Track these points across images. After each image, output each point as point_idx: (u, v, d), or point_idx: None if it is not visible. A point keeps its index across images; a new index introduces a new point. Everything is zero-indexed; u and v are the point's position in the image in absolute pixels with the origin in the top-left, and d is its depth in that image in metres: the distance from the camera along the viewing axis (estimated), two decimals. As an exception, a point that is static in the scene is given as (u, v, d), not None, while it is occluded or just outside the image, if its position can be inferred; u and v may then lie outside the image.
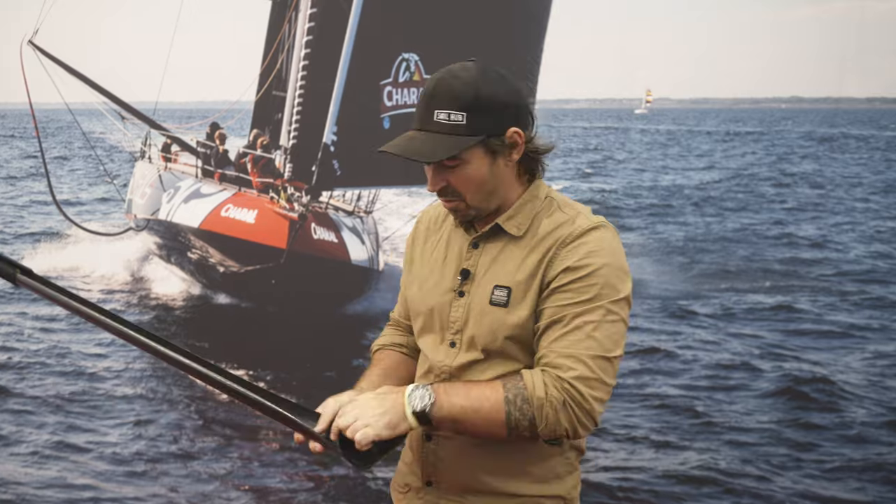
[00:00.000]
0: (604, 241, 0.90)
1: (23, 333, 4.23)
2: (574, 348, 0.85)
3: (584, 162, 16.95)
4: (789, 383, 3.58)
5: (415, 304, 1.00)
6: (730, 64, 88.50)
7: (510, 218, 0.93)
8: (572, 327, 0.86)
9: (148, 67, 21.42)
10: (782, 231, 8.05)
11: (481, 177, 0.90)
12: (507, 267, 0.92)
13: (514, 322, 0.89)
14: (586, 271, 0.87)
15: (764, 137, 26.90)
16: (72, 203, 6.35)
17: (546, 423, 0.84)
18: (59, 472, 2.69)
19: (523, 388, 0.84)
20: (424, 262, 1.00)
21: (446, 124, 0.87)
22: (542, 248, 0.91)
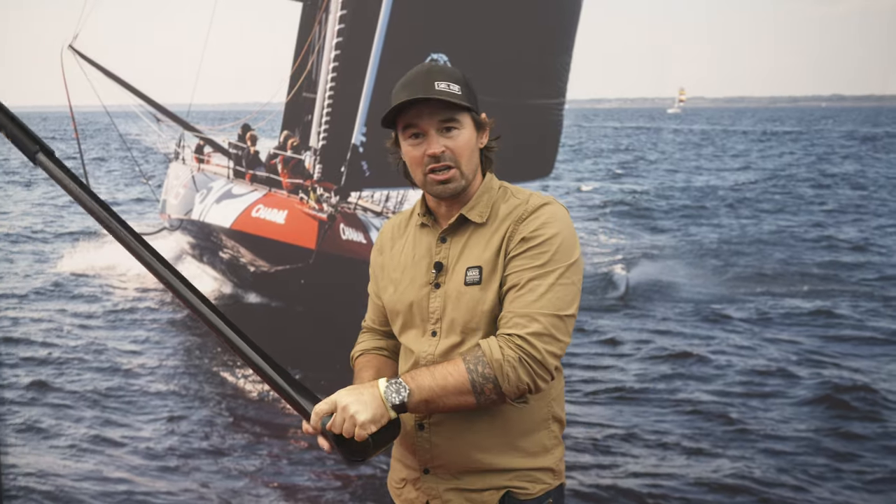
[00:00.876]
0: (555, 214, 0.98)
1: (62, 330, 4.37)
2: (529, 308, 0.93)
3: (615, 162, 17.03)
4: (828, 391, 3.48)
5: (393, 305, 1.06)
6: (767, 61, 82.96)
7: (472, 208, 1.01)
8: (527, 289, 0.93)
9: (182, 70, 21.73)
10: (822, 234, 7.80)
11: (472, 146, 1.00)
12: (475, 251, 0.99)
13: (490, 297, 0.96)
14: (540, 239, 0.95)
15: (803, 137, 26.19)
16: (109, 203, 6.69)
17: (508, 381, 0.91)
18: (95, 465, 2.76)
19: (481, 356, 0.91)
20: (395, 266, 1.07)
21: (447, 91, 0.95)
22: (504, 227, 0.98)
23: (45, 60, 18.29)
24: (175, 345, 4.24)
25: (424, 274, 1.02)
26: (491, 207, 1.02)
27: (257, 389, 3.69)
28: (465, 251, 1.01)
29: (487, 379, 0.91)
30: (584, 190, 13.52)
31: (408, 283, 1.03)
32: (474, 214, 1.01)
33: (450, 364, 0.93)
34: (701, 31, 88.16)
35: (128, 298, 4.74)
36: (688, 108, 12.16)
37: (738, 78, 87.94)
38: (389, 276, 1.07)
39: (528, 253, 0.95)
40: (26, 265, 4.88)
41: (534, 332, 0.91)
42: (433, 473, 1.00)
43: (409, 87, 0.97)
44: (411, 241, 1.06)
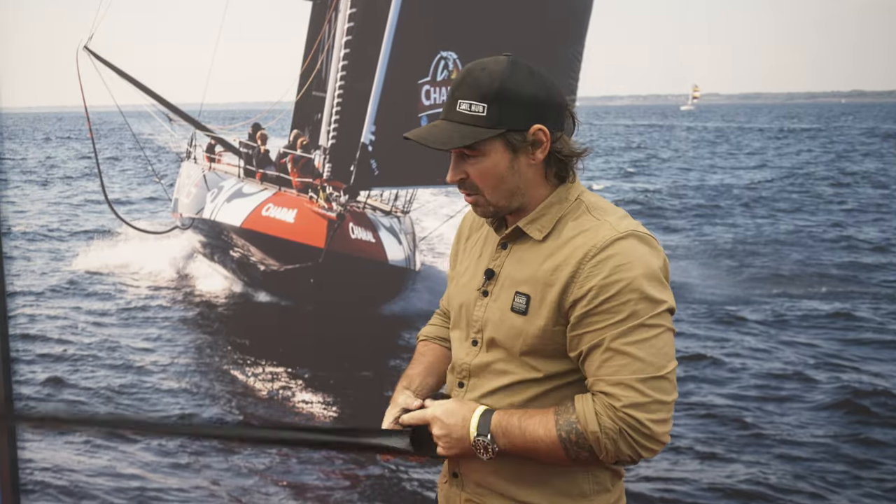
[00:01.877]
0: (632, 251, 0.83)
1: (77, 327, 4.43)
2: (621, 374, 0.81)
3: (627, 161, 16.54)
4: (847, 396, 3.39)
5: (449, 300, 1.01)
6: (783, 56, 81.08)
7: (532, 221, 0.89)
8: (614, 351, 0.81)
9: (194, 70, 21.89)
10: (841, 234, 7.60)
11: (499, 172, 0.87)
12: (527, 272, 0.89)
13: (532, 332, 0.87)
14: (616, 288, 0.81)
15: (821, 134, 25.77)
16: (122, 202, 6.74)
17: (606, 452, 0.81)
18: (108, 461, 2.81)
19: (576, 423, 0.82)
20: (463, 260, 1.01)
21: (467, 115, 0.86)
22: (561, 255, 0.86)
23: (61, 61, 18.80)
24: (186, 343, 4.29)
25: (479, 278, 0.95)
26: (556, 223, 0.90)
27: (266, 388, 3.73)
28: (519, 267, 0.91)
29: (582, 448, 0.82)
30: (595, 189, 13.87)
31: (465, 282, 0.97)
32: (533, 229, 0.90)
33: (541, 423, 0.84)
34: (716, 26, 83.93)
35: (140, 296, 4.81)
36: (702, 105, 12.03)
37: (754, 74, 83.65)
38: (457, 268, 1.02)
39: (604, 306, 0.82)
40: (42, 263, 4.98)
41: (633, 403, 0.80)
42: (460, 479, 0.96)
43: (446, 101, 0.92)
44: (483, 239, 0.99)
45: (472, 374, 0.93)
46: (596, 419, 0.80)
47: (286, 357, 4.01)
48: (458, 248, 1.02)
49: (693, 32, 65.60)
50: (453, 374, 0.97)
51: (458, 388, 0.94)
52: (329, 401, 3.57)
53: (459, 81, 0.87)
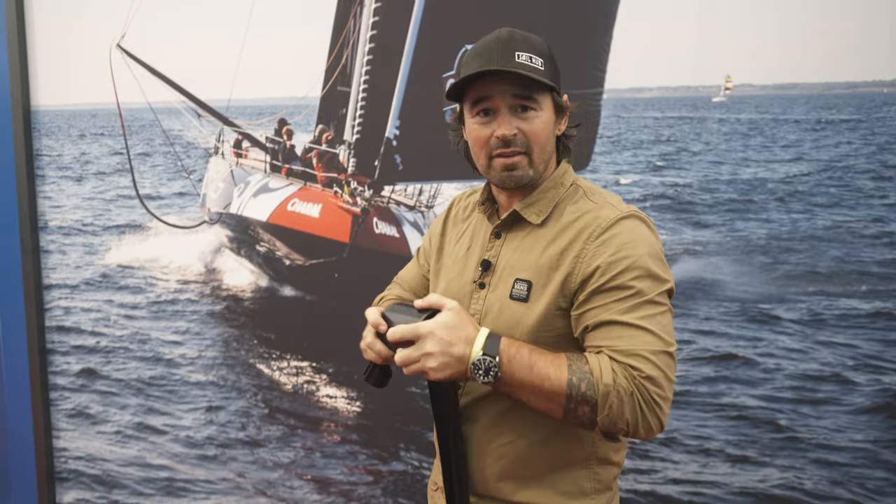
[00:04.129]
0: (635, 230, 0.85)
1: (109, 319, 4.53)
2: (636, 347, 0.81)
3: (656, 154, 16.64)
4: (888, 399, 3.24)
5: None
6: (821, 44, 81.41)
7: (530, 204, 0.89)
8: (625, 325, 0.81)
9: (222, 66, 22.49)
10: (882, 229, 7.42)
11: (548, 132, 0.88)
12: (527, 258, 0.88)
13: (533, 319, 0.87)
14: (624, 265, 0.82)
15: (862, 125, 24.94)
16: (153, 197, 6.90)
17: (609, 411, 0.80)
18: (139, 451, 2.89)
19: (588, 373, 0.80)
20: (450, 252, 0.99)
21: (528, 65, 0.83)
22: (564, 239, 0.86)
23: (95, 60, 19.40)
24: (214, 336, 4.36)
25: (473, 270, 0.94)
26: (554, 206, 0.90)
27: (292, 382, 3.77)
28: (517, 255, 0.90)
29: (587, 401, 0.80)
30: (622, 183, 13.67)
31: (455, 275, 0.96)
32: (530, 213, 0.90)
33: (552, 363, 0.81)
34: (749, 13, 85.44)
35: (170, 290, 4.87)
36: (734, 97, 11.70)
37: (790, 63, 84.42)
38: (443, 261, 1.00)
39: (612, 283, 0.83)
40: (77, 257, 5.10)
41: (649, 375, 0.80)
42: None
43: (484, 55, 0.85)
44: (470, 231, 0.97)
45: None
46: (612, 374, 0.80)
47: (311, 351, 4.05)
48: (441, 241, 1.00)
49: (725, 21, 65.20)
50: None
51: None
52: (353, 395, 3.61)
53: (507, 38, 0.84)
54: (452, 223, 1.01)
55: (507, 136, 0.86)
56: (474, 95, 0.88)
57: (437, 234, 1.01)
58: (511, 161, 0.87)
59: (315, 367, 4.36)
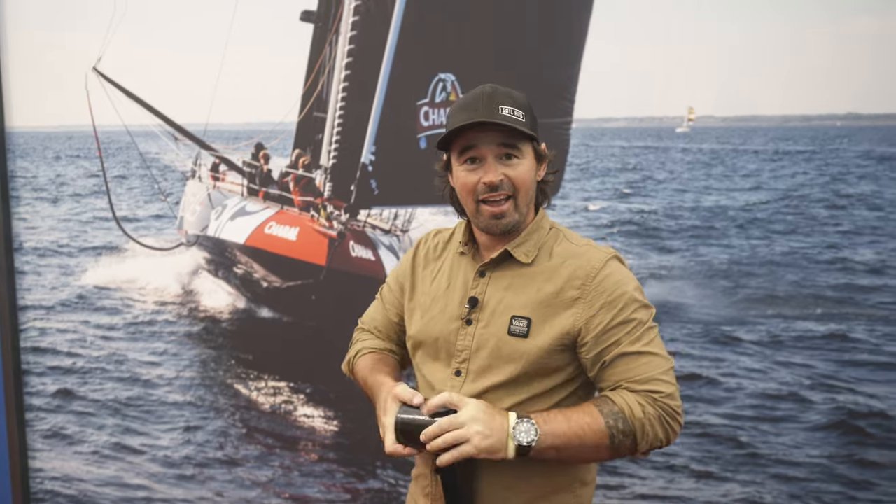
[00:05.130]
0: (620, 269, 0.93)
1: (85, 340, 4.50)
2: (652, 371, 0.90)
3: (623, 182, 16.93)
4: (843, 416, 3.44)
5: (417, 334, 1.00)
6: (779, 79, 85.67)
7: (518, 245, 0.95)
8: (637, 354, 0.90)
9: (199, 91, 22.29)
10: (836, 255, 7.68)
11: (531, 178, 0.94)
12: (522, 297, 0.93)
13: (535, 353, 0.91)
14: (622, 302, 0.91)
15: (817, 156, 25.85)
16: (129, 219, 6.89)
17: (646, 438, 0.89)
18: (116, 471, 2.89)
19: (619, 412, 0.88)
20: (426, 290, 1.00)
21: (511, 117, 0.90)
22: (559, 278, 0.93)
23: (71, 82, 19.21)
24: (191, 357, 4.38)
25: (457, 307, 0.96)
26: (539, 248, 0.95)
27: (269, 402, 3.81)
28: (510, 293, 0.93)
29: (627, 436, 0.88)
30: (591, 209, 13.87)
31: (437, 313, 0.97)
32: (520, 253, 0.94)
33: (584, 413, 0.87)
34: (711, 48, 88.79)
35: (147, 311, 4.87)
36: (697, 127, 12.12)
37: (749, 96, 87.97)
38: (417, 300, 1.00)
39: (617, 318, 0.90)
40: (53, 278, 5.07)
41: (668, 393, 0.89)
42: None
43: (470, 109, 0.91)
44: (448, 268, 0.99)
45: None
46: (640, 408, 0.89)
47: (288, 372, 4.10)
48: (413, 280, 1.02)
49: (689, 55, 67.64)
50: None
51: None
52: (330, 415, 3.66)
53: (491, 93, 0.91)
54: (423, 262, 1.02)
55: (494, 182, 0.91)
56: (462, 144, 0.93)
57: (407, 274, 1.03)
58: (500, 209, 0.92)
59: (292, 387, 4.40)
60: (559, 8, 5.94)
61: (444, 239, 1.03)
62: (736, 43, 2.65)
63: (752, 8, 2.71)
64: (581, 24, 6.63)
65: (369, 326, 1.09)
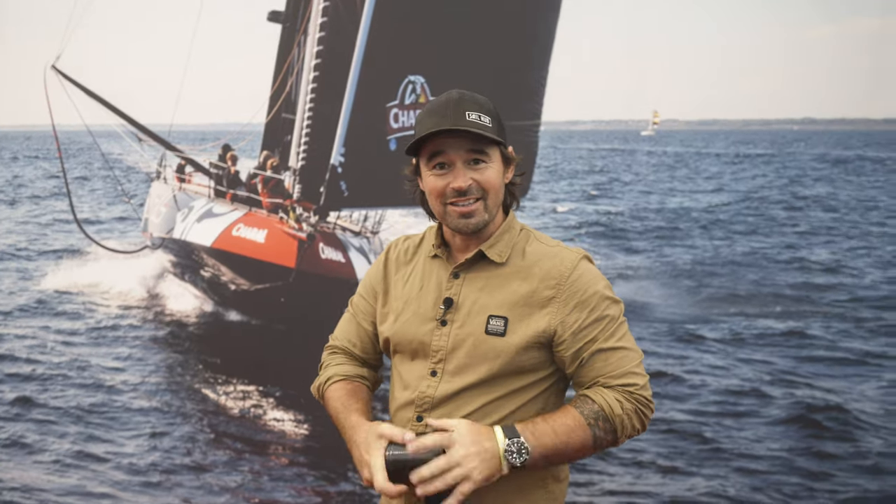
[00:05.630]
0: (590, 268, 0.96)
1: (46, 346, 4.38)
2: (627, 365, 0.92)
3: (590, 184, 16.54)
4: (801, 411, 3.54)
5: (391, 336, 0.99)
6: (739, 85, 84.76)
7: (491, 246, 0.96)
8: (611, 350, 0.92)
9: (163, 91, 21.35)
10: (794, 255, 7.86)
11: (499, 181, 0.94)
12: (498, 296, 0.94)
13: (512, 351, 0.92)
14: (594, 301, 0.93)
15: (775, 160, 26.62)
16: (92, 222, 6.63)
17: (624, 430, 0.91)
18: (79, 480, 2.82)
19: (600, 410, 0.91)
20: (398, 295, 1.00)
21: (479, 123, 0.90)
22: (534, 278, 0.94)
23: (29, 80, 17.73)
24: (157, 362, 4.30)
25: (431, 308, 0.96)
26: (512, 248, 0.96)
27: (238, 406, 3.76)
28: (485, 294, 0.94)
29: (608, 433, 0.91)
30: (559, 211, 13.47)
31: (410, 315, 0.97)
32: (493, 253, 0.95)
33: (566, 417, 0.90)
34: (675, 53, 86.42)
35: (110, 316, 4.76)
36: (662, 131, 12.38)
37: (712, 101, 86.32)
38: (391, 304, 1.00)
39: (590, 316, 0.93)
40: (10, 282, 4.90)
41: (641, 385, 0.92)
42: None
43: (438, 115, 0.92)
44: (419, 272, 0.99)
45: (436, 405, 0.94)
46: (618, 404, 0.91)
47: (257, 375, 4.06)
48: (382, 287, 1.02)
49: (654, 60, 65.23)
50: (405, 410, 0.96)
51: (417, 422, 0.94)
52: (300, 419, 3.62)
53: (458, 100, 0.92)
54: (395, 267, 1.03)
55: (463, 188, 0.93)
56: (430, 150, 0.94)
57: (379, 279, 1.03)
58: (468, 209, 0.94)
59: (262, 390, 4.35)
60: (527, 12, 6.02)
61: (413, 243, 1.04)
62: (699, 49, 2.72)
63: (714, 17, 2.79)
64: (549, 28, 6.73)
65: (342, 343, 1.06)
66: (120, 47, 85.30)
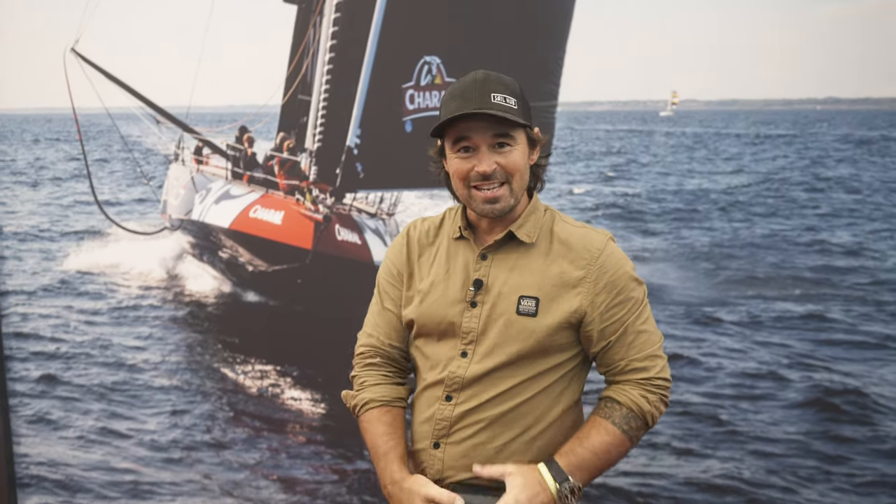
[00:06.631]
0: (617, 250, 0.97)
1: (69, 326, 4.48)
2: (648, 349, 0.95)
3: (607, 165, 16.96)
4: (819, 394, 3.52)
5: (418, 318, 0.98)
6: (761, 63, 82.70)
7: (520, 226, 0.95)
8: (637, 332, 0.95)
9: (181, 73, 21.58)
10: (814, 237, 7.68)
11: (524, 164, 0.93)
12: (528, 277, 0.94)
13: (545, 331, 0.92)
14: (622, 282, 0.94)
15: (797, 140, 26.19)
16: (112, 203, 6.80)
17: (654, 420, 0.96)
18: (103, 455, 2.90)
19: (629, 412, 0.94)
20: (422, 277, 0.99)
21: (504, 105, 0.89)
22: (564, 259, 0.94)
23: (49, 63, 18.52)
24: (177, 341, 4.37)
25: (459, 290, 0.95)
26: (539, 229, 0.96)
27: (256, 385, 3.83)
28: (515, 274, 0.94)
29: (640, 429, 0.95)
30: (576, 192, 13.50)
31: (438, 297, 0.96)
32: (523, 234, 0.95)
33: (602, 433, 0.92)
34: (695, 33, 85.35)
35: (131, 296, 4.85)
36: (680, 111, 12.03)
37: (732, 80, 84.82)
38: (415, 287, 0.98)
39: (618, 299, 0.94)
40: (34, 263, 5.02)
41: (662, 367, 0.95)
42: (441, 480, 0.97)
43: (463, 97, 0.89)
44: (444, 253, 0.97)
45: (465, 385, 0.95)
46: (644, 400, 0.94)
47: (275, 355, 4.12)
48: (410, 268, 1.00)
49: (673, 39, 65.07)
50: (434, 389, 0.96)
51: (446, 401, 0.95)
52: (317, 398, 3.68)
53: (483, 80, 0.90)
54: (418, 249, 1.01)
55: (487, 172, 0.91)
56: (455, 134, 0.92)
57: (402, 263, 1.01)
58: (493, 195, 0.92)
59: (279, 370, 4.42)
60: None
61: (434, 225, 1.02)
62: (720, 28, 2.65)
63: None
64: (566, 8, 6.62)
65: (379, 343, 1.03)
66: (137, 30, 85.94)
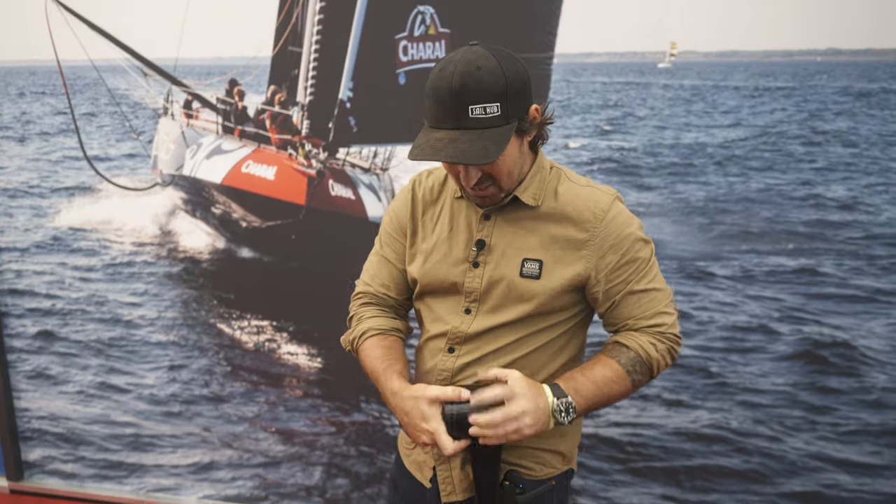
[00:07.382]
0: (624, 210, 0.97)
1: (64, 282, 4.47)
2: (657, 306, 0.97)
3: (604, 119, 16.77)
4: (808, 347, 3.55)
5: (421, 277, 0.98)
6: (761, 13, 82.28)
7: (525, 189, 0.95)
8: (644, 291, 0.96)
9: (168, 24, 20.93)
10: (809, 192, 7.77)
11: (513, 160, 0.92)
12: (531, 239, 0.94)
13: (548, 293, 0.93)
14: (629, 242, 0.95)
15: (796, 93, 25.75)
16: (101, 158, 6.73)
17: (659, 369, 0.97)
18: (103, 409, 2.95)
19: (636, 356, 0.95)
20: (426, 235, 0.99)
21: (484, 119, 0.83)
22: (568, 221, 0.94)
23: (30, 14, 17.81)
24: (172, 297, 4.38)
25: (462, 250, 0.95)
26: (545, 190, 0.95)
27: (253, 340, 3.86)
28: (518, 236, 0.94)
29: (644, 374, 0.95)
30: (571, 147, 13.89)
31: (441, 257, 0.96)
32: (527, 196, 0.94)
33: (606, 369, 0.92)
34: None
35: (125, 252, 4.83)
36: (679, 63, 11.92)
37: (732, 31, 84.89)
38: (419, 245, 0.99)
39: (625, 259, 0.93)
40: (25, 219, 4.97)
41: (672, 323, 0.96)
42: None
43: (439, 106, 0.83)
44: (447, 212, 0.97)
45: (468, 340, 0.97)
46: (653, 347, 0.96)
47: (270, 311, 4.13)
48: (414, 224, 0.99)
49: None
50: (437, 341, 0.98)
51: (449, 353, 0.97)
52: (313, 353, 3.73)
53: (460, 88, 0.83)
54: (423, 206, 0.99)
55: (473, 184, 0.90)
56: None
57: (408, 218, 0.99)
58: (483, 193, 0.92)
59: (275, 325, 4.45)
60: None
61: (438, 180, 1.00)
62: (720, -26, 2.56)
63: (737, -62, 2.62)
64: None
65: (375, 288, 1.03)
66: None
